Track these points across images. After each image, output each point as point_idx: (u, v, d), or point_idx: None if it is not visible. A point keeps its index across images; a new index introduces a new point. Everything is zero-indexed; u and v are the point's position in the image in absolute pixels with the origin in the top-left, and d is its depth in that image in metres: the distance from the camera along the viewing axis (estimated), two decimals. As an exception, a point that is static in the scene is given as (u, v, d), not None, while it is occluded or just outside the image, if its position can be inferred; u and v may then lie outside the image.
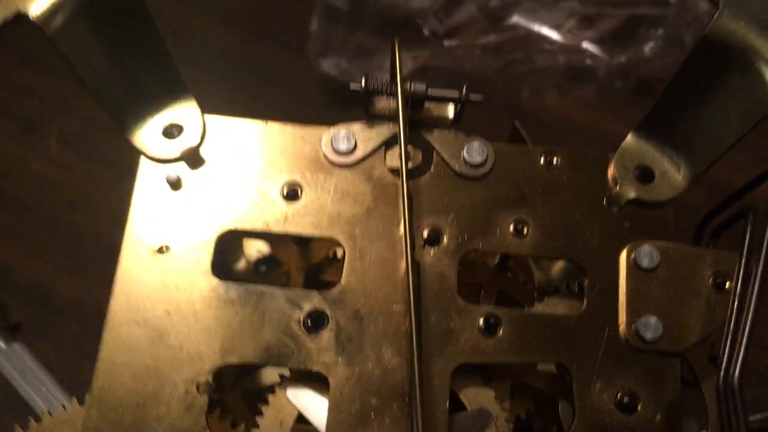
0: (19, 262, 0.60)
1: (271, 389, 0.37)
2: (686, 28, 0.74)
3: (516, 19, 0.76)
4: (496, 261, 0.45)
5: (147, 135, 0.39)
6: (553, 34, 0.75)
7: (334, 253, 0.45)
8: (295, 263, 0.44)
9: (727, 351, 0.35)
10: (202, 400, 0.35)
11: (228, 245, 0.42)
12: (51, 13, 0.33)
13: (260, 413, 0.36)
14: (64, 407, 0.38)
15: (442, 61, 0.74)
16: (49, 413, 0.38)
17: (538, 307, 0.41)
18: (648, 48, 0.74)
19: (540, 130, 0.42)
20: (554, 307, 0.41)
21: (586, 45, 0.75)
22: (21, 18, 0.32)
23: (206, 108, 0.40)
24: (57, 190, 0.64)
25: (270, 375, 0.43)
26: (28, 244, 0.61)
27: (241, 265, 0.46)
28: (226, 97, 0.40)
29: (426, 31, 0.74)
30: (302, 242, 0.44)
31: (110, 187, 0.64)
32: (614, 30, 0.75)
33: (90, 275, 0.60)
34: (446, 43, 0.74)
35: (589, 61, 0.75)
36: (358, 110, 0.40)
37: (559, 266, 0.46)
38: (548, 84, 0.75)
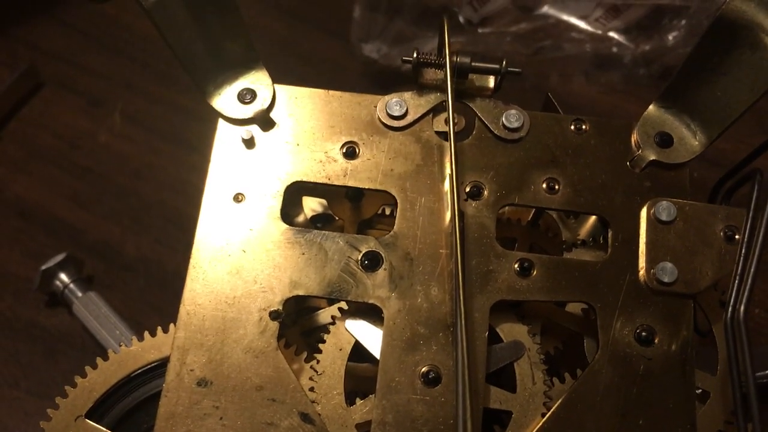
0: (90, 224, 0.65)
1: (326, 327, 0.42)
2: (707, 18, 0.78)
3: (546, 9, 0.80)
4: (529, 218, 0.50)
5: (224, 99, 0.44)
6: (581, 24, 0.80)
7: (383, 210, 0.50)
8: (348, 218, 0.49)
9: (734, 291, 0.39)
10: (274, 325, 0.40)
11: (290, 202, 0.47)
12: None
13: (323, 341, 0.42)
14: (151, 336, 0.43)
15: (476, 47, 0.79)
16: (138, 340, 0.43)
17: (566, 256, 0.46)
18: (671, 37, 0.78)
19: (567, 113, 0.47)
20: (580, 256, 0.46)
21: (613, 34, 0.80)
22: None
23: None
24: (122, 161, 0.69)
25: (323, 316, 0.48)
26: (98, 209, 0.66)
27: (300, 219, 0.51)
28: (274, 79, 0.45)
29: (461, 19, 0.79)
30: (355, 199, 0.49)
31: (171, 159, 0.70)
32: (639, 20, 0.80)
33: (154, 236, 0.65)
34: (480, 30, 0.79)
35: (615, 49, 0.79)
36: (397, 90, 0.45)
37: (584, 226, 0.51)
38: (576, 70, 0.79)
